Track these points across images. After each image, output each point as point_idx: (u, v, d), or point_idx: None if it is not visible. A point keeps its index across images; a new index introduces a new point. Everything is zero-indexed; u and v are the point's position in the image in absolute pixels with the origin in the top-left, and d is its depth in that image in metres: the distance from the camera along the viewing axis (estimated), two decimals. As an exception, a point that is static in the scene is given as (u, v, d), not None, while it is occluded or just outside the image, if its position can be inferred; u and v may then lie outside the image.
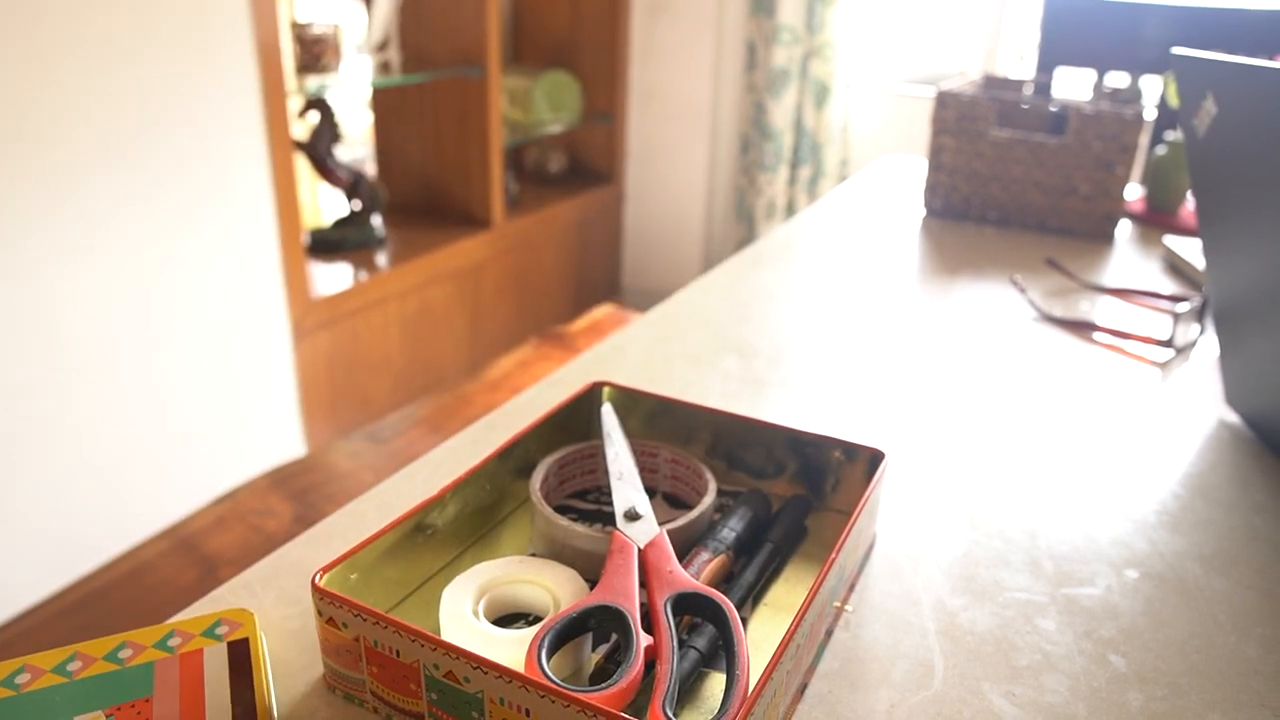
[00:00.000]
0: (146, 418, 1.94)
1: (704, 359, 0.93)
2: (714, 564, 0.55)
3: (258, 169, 2.07)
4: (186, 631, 0.50)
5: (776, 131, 3.13)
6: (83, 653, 0.48)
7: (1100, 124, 1.33)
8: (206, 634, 0.50)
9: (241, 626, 0.50)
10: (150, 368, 1.92)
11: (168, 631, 0.50)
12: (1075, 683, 0.53)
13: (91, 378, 1.81)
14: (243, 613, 0.51)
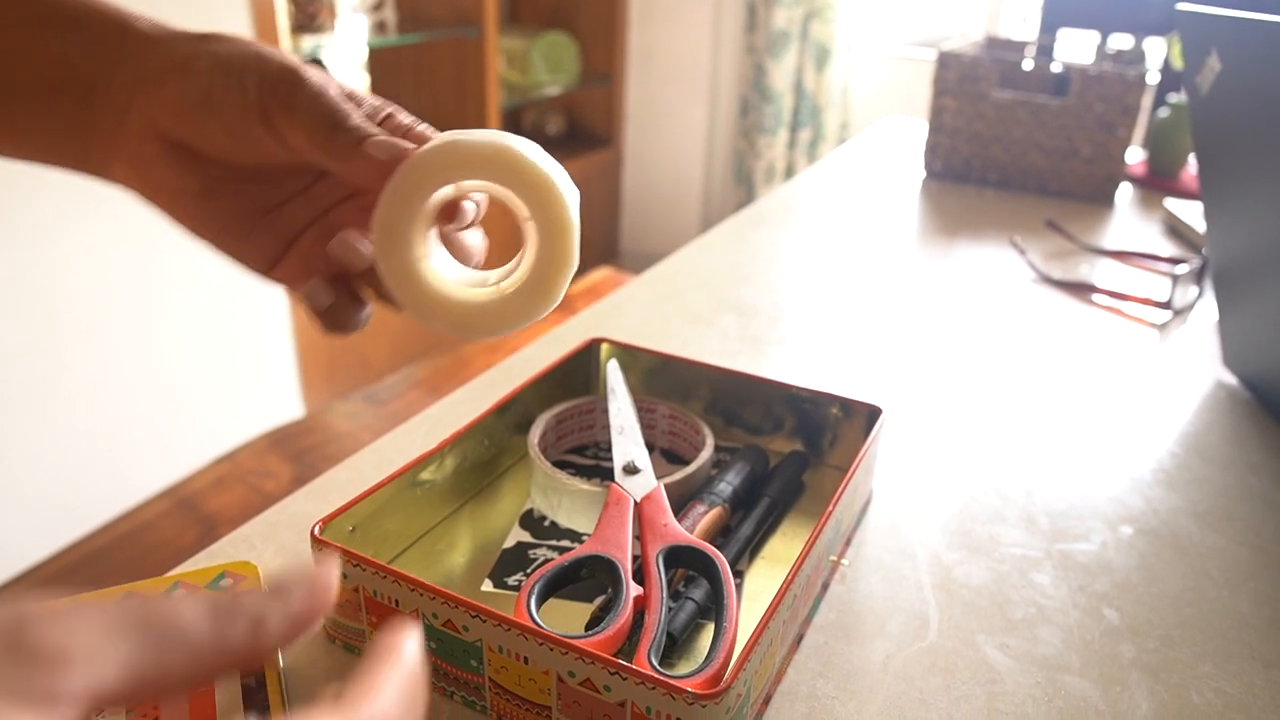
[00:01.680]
0: (145, 379, 1.94)
1: (703, 318, 0.93)
2: (710, 516, 0.55)
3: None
4: (190, 584, 0.50)
5: (776, 94, 3.10)
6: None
7: (1103, 85, 1.32)
8: (210, 586, 0.50)
9: (245, 579, 0.50)
10: (149, 329, 1.92)
11: (171, 583, 0.50)
12: (1069, 635, 0.53)
13: (91, 340, 1.81)
14: (246, 565, 0.51)
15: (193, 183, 0.39)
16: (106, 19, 0.39)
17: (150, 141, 0.38)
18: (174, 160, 0.38)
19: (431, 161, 0.39)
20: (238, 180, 0.40)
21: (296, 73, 0.37)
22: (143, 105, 0.37)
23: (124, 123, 0.38)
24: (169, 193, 0.39)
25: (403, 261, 0.40)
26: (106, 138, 0.38)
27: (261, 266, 0.42)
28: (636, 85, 3.29)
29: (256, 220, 0.41)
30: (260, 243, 0.41)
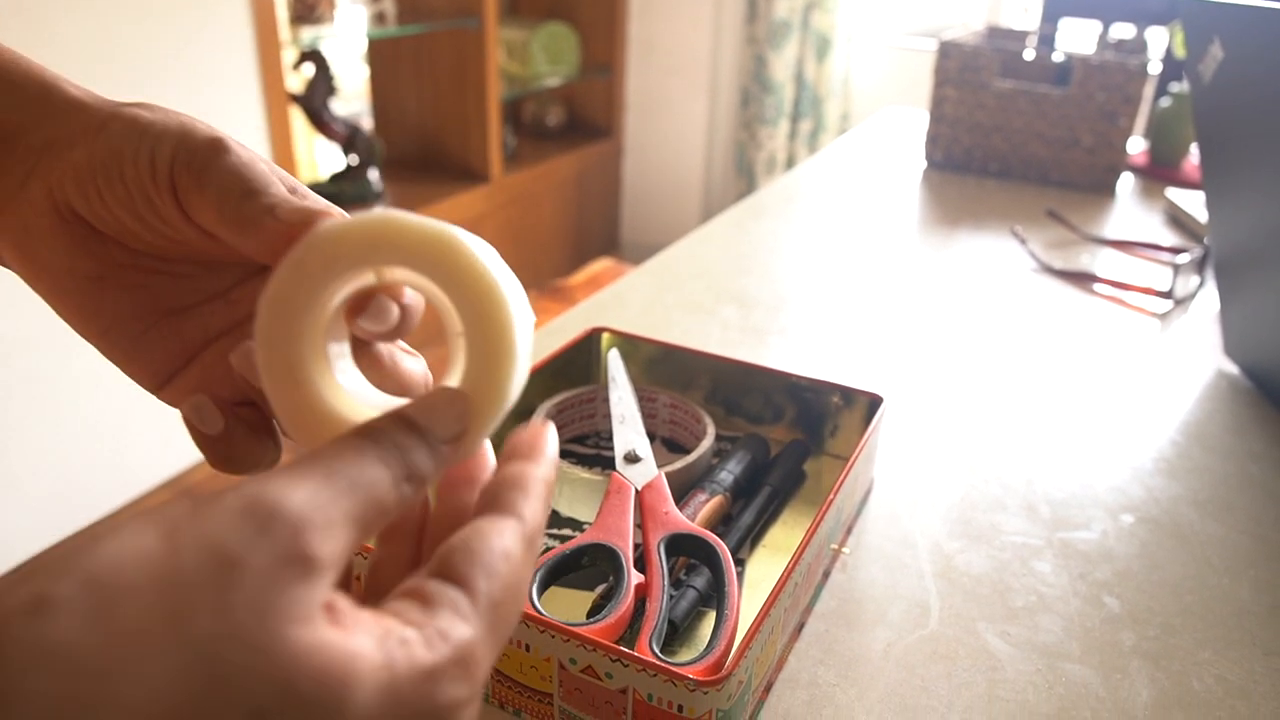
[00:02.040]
0: (145, 371, 1.93)
1: (703, 308, 0.93)
2: (711, 505, 0.55)
3: (252, 122, 2.05)
4: None
5: (777, 84, 3.09)
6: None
7: (1104, 74, 1.31)
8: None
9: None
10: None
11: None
12: (1069, 623, 0.53)
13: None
14: None
15: (85, 263, 0.33)
16: (32, 77, 0.33)
17: (45, 213, 0.32)
18: (67, 235, 0.32)
19: (349, 233, 0.28)
20: (140, 269, 0.34)
21: (221, 142, 0.31)
22: (45, 170, 0.32)
23: (23, 189, 0.32)
24: (57, 273, 0.33)
25: (291, 362, 0.28)
26: (3, 202, 0.33)
27: (150, 379, 0.35)
28: (637, 76, 3.29)
29: (155, 320, 0.34)
30: (155, 348, 0.34)
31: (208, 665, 0.18)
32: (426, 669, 0.21)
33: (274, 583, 0.19)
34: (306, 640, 0.19)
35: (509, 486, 0.26)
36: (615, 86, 3.25)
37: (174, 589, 0.18)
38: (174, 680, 0.17)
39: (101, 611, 0.17)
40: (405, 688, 0.21)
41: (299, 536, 0.20)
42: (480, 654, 0.23)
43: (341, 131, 2.55)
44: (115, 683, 0.17)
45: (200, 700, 0.18)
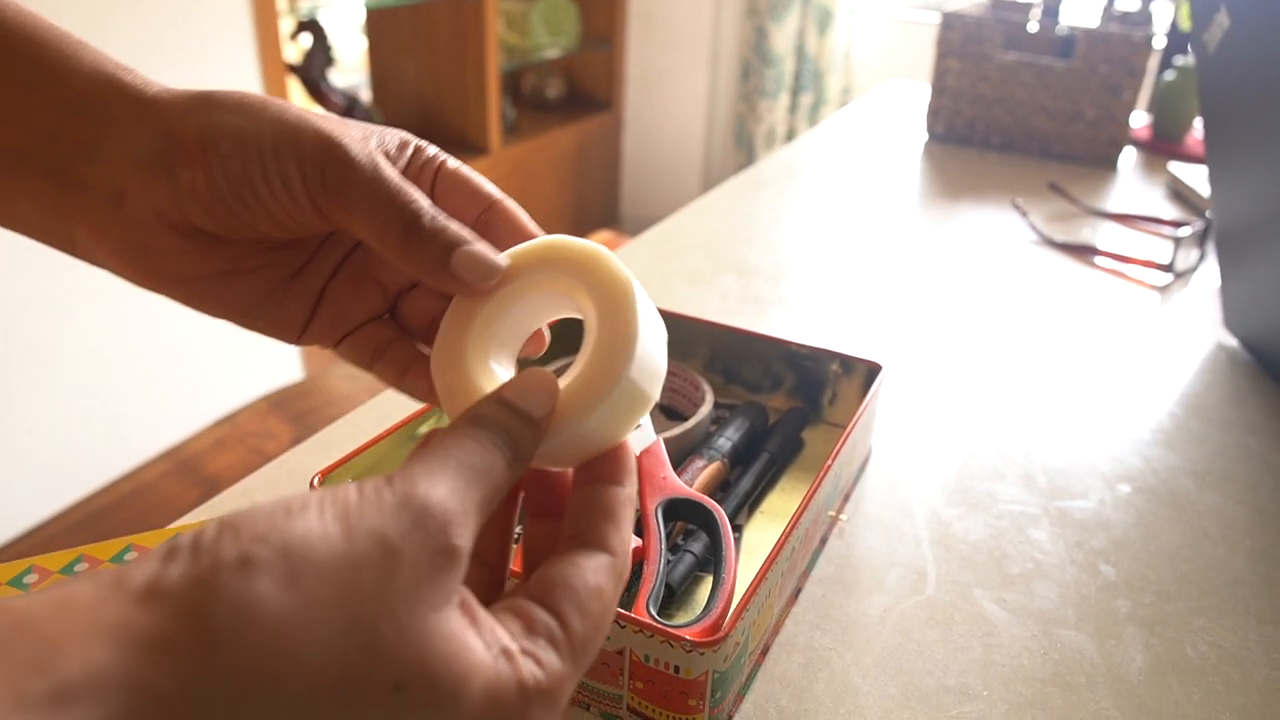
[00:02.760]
0: (146, 340, 1.93)
1: (703, 278, 0.93)
2: (709, 471, 0.55)
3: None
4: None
5: (778, 57, 3.07)
6: (89, 555, 0.48)
7: (1108, 46, 1.30)
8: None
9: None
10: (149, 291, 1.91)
11: (172, 535, 0.50)
12: (1065, 590, 0.54)
13: (92, 302, 1.81)
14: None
15: (213, 265, 0.34)
16: (83, 72, 0.32)
17: (162, 233, 0.32)
18: (191, 248, 0.33)
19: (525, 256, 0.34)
20: (264, 253, 0.35)
21: (338, 147, 0.31)
22: (146, 192, 0.32)
23: (122, 208, 0.32)
24: (185, 279, 0.34)
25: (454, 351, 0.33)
26: (96, 223, 0.32)
27: (289, 334, 0.37)
28: (637, 48, 3.26)
29: (285, 287, 0.36)
30: (290, 308, 0.36)
31: (366, 637, 0.20)
32: (523, 688, 0.23)
33: (426, 571, 0.22)
34: (445, 628, 0.22)
35: (602, 516, 0.29)
36: (615, 59, 3.22)
37: (348, 569, 0.21)
38: (339, 645, 0.20)
39: (293, 578, 0.20)
40: (504, 696, 0.23)
41: (446, 530, 0.23)
42: (565, 687, 0.25)
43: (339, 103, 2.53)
44: (295, 640, 0.20)
45: (356, 666, 0.20)
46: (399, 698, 0.21)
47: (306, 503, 0.22)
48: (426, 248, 0.32)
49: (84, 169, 0.32)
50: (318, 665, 0.20)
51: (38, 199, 0.32)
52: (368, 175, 0.32)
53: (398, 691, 0.21)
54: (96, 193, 0.32)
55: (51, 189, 0.32)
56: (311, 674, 0.20)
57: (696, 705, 0.41)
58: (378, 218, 0.32)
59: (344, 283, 0.37)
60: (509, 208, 0.36)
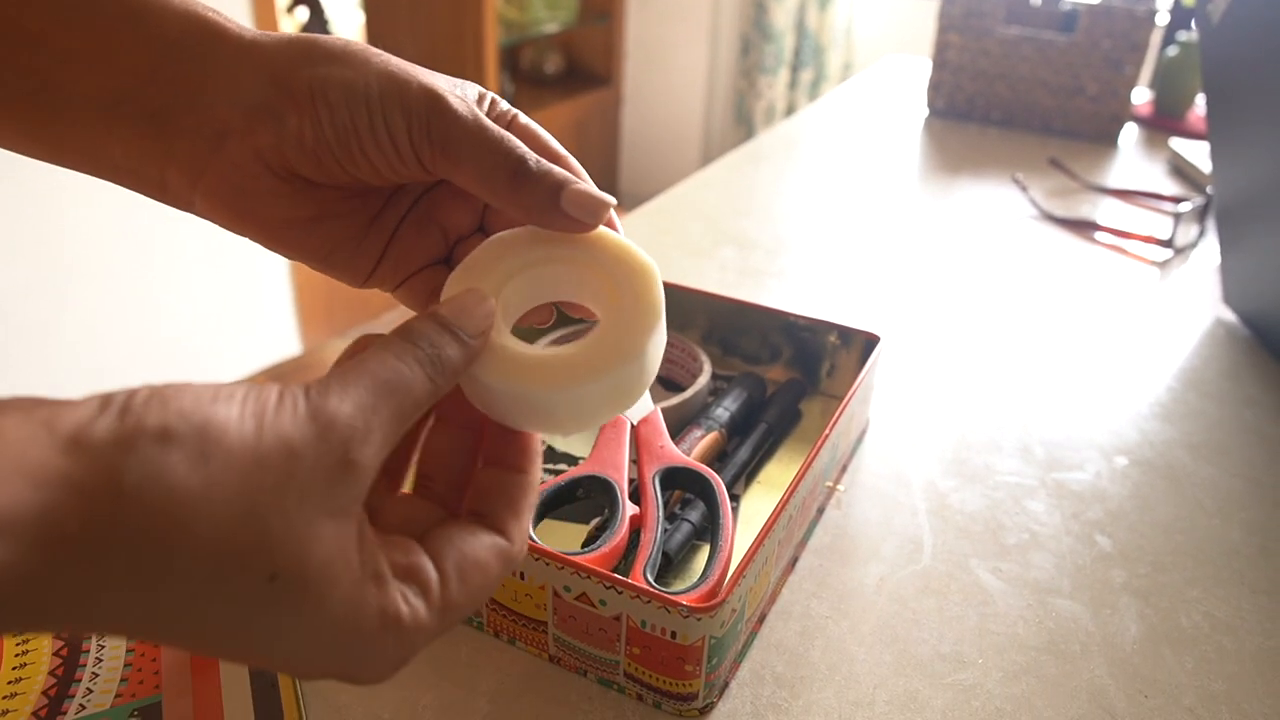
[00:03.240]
0: (144, 316, 1.93)
1: (702, 250, 0.92)
2: (706, 440, 0.55)
3: (246, 63, 2.01)
4: None
5: (778, 33, 3.05)
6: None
7: (1111, 21, 1.29)
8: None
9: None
10: (147, 267, 1.91)
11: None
12: (1061, 560, 0.54)
13: (90, 277, 1.80)
14: None
15: (304, 210, 0.35)
16: (176, 13, 0.32)
17: (259, 175, 0.33)
18: (286, 191, 0.34)
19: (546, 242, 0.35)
20: (351, 198, 0.36)
21: (442, 100, 0.33)
22: (249, 135, 0.32)
23: (221, 150, 0.33)
24: (275, 223, 0.35)
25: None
26: (193, 165, 0.33)
27: (359, 278, 0.38)
28: (636, 23, 3.24)
29: (365, 232, 0.37)
30: (365, 253, 0.37)
31: (257, 527, 0.22)
32: (383, 614, 0.25)
33: (323, 480, 0.24)
34: (330, 535, 0.24)
35: (505, 504, 0.31)
36: (614, 33, 3.20)
37: (253, 463, 0.22)
38: (231, 527, 0.22)
39: (203, 458, 0.22)
40: (363, 613, 0.24)
41: (347, 445, 0.24)
42: (421, 636, 0.26)
43: (336, 75, 2.51)
44: (192, 511, 0.21)
45: (241, 551, 0.22)
46: (271, 587, 0.23)
47: (233, 393, 0.23)
48: (536, 189, 0.33)
49: (184, 111, 0.32)
50: (208, 538, 0.21)
51: (132, 143, 0.33)
52: (471, 127, 0.33)
53: (271, 581, 0.23)
54: (196, 135, 0.32)
55: (149, 132, 0.32)
56: (200, 544, 0.21)
57: (693, 671, 0.41)
58: (485, 165, 0.33)
59: (411, 227, 0.38)
60: (574, 164, 0.36)
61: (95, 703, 0.41)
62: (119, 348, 1.90)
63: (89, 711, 0.40)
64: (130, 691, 0.41)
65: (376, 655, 0.25)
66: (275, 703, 0.41)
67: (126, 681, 0.42)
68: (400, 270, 0.38)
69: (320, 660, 0.25)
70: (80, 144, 0.33)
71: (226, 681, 0.42)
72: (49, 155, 0.34)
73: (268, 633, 0.23)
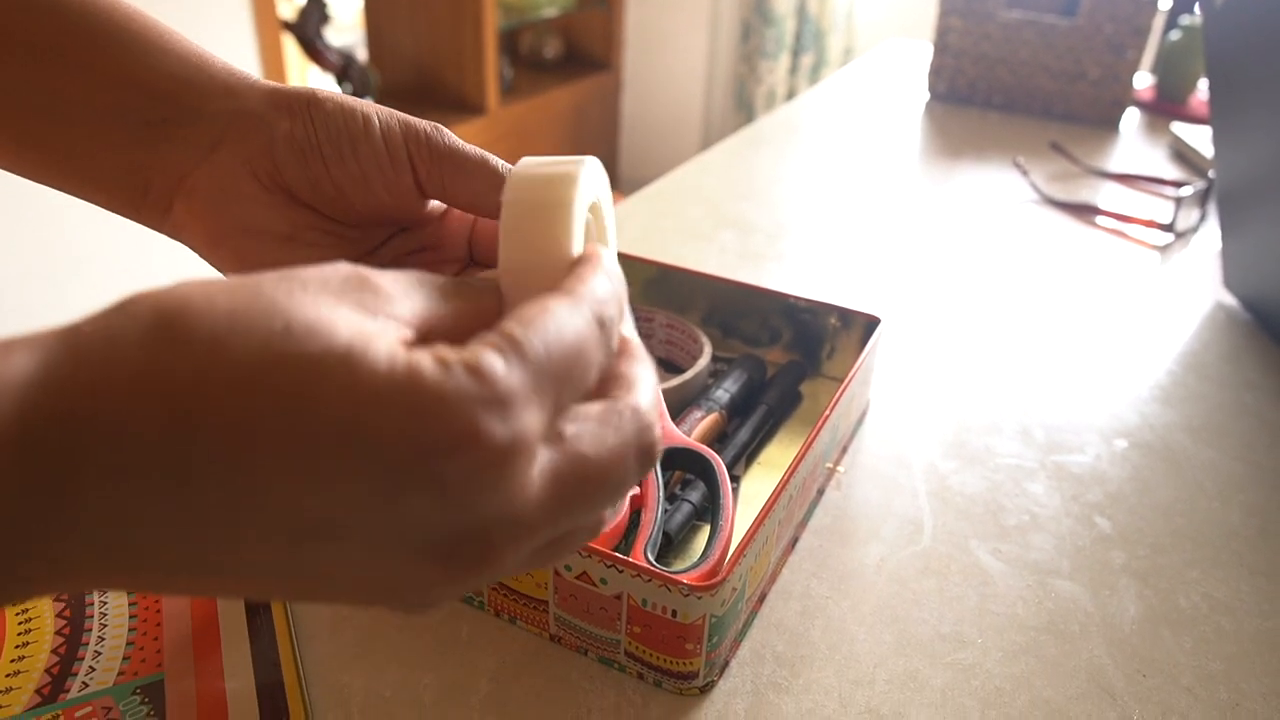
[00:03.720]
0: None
1: (702, 234, 0.92)
2: (707, 421, 0.55)
3: (244, 51, 2.01)
4: None
5: (778, 17, 3.04)
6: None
7: (1113, 5, 1.29)
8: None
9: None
10: (148, 259, 1.90)
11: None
12: (1061, 542, 0.54)
13: (89, 271, 1.80)
14: None
15: (278, 225, 0.35)
16: (186, 49, 0.35)
17: (243, 179, 0.34)
18: (265, 199, 0.34)
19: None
20: (322, 229, 0.36)
21: (445, 131, 0.35)
22: (240, 138, 0.34)
23: (212, 155, 0.34)
24: (247, 233, 0.35)
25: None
26: (178, 170, 0.34)
27: None
28: (636, 7, 3.22)
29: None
30: None
31: (266, 300, 0.21)
32: (445, 365, 0.20)
33: (335, 281, 0.22)
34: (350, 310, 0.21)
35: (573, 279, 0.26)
36: (614, 18, 3.18)
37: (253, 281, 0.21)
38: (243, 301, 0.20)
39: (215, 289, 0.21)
40: (418, 369, 0.20)
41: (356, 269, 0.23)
42: (519, 398, 0.21)
43: (335, 61, 2.50)
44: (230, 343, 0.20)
45: (250, 311, 0.20)
46: (288, 340, 0.20)
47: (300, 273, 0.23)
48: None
49: (183, 123, 0.34)
50: (216, 312, 0.20)
51: (123, 151, 0.34)
52: (469, 146, 0.35)
53: (287, 334, 0.20)
54: (189, 144, 0.34)
55: (144, 140, 0.34)
56: (214, 316, 0.20)
57: (693, 650, 0.41)
58: (487, 170, 0.34)
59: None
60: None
61: (98, 680, 0.41)
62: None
63: (92, 689, 0.41)
64: (133, 670, 0.41)
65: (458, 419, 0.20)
66: (277, 681, 0.42)
67: (129, 660, 0.42)
68: None
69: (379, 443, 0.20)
70: (70, 151, 0.35)
71: (229, 660, 0.42)
72: (32, 167, 0.35)
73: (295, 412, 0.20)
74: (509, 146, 2.84)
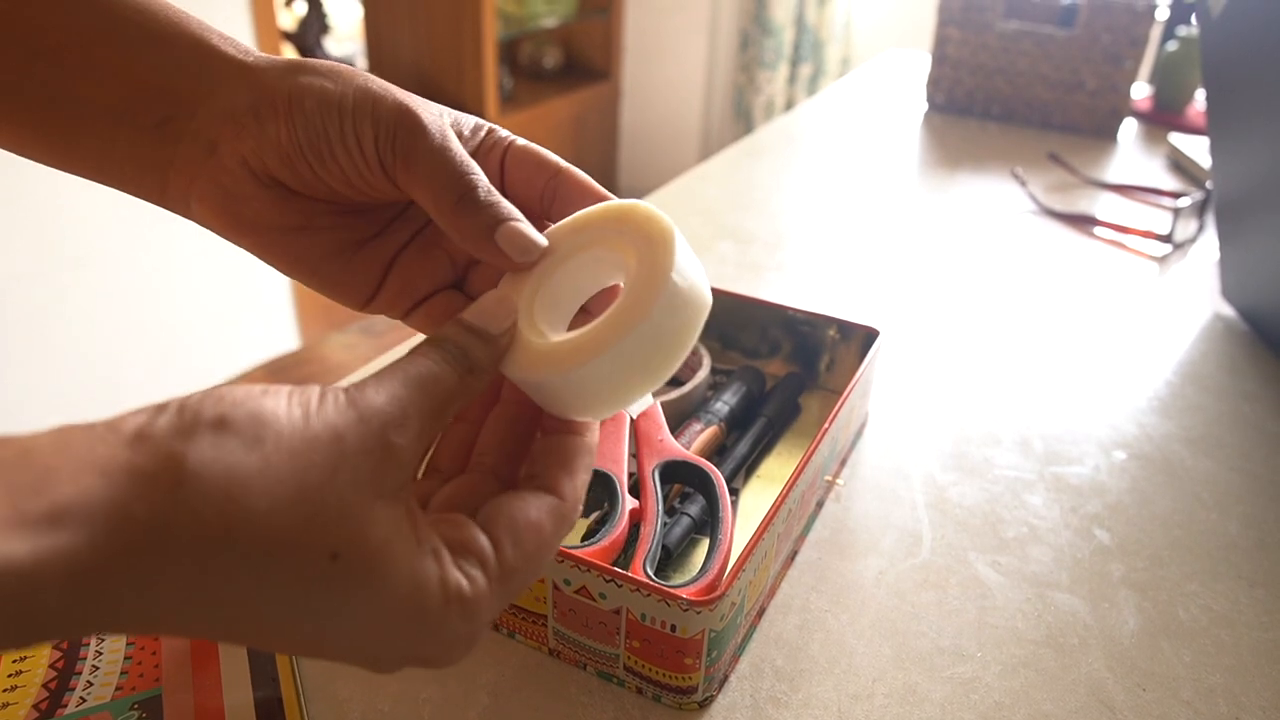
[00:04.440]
0: (141, 308, 1.93)
1: (700, 244, 0.92)
2: (706, 434, 0.55)
3: (245, 57, 2.01)
4: None
5: (777, 27, 3.05)
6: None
7: (1111, 15, 1.29)
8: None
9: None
10: (146, 258, 1.90)
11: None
12: (1060, 554, 0.54)
13: (89, 269, 1.80)
14: None
15: (289, 219, 0.36)
16: (187, 38, 0.35)
17: (244, 180, 0.35)
18: (269, 197, 0.35)
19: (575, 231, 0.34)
20: (334, 214, 0.37)
21: (413, 116, 0.34)
22: (235, 140, 0.34)
23: (213, 156, 0.35)
24: (261, 229, 0.36)
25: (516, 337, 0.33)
26: (189, 171, 0.35)
27: (356, 301, 0.38)
28: (635, 17, 3.23)
29: (354, 252, 0.38)
30: (357, 274, 0.38)
31: (312, 505, 0.23)
32: (445, 587, 0.26)
33: (370, 461, 0.25)
34: (385, 514, 0.25)
35: (557, 461, 0.31)
36: (613, 28, 3.19)
37: (303, 444, 0.24)
38: (288, 506, 0.23)
39: (258, 441, 0.23)
40: (426, 589, 0.25)
41: (385, 427, 0.26)
42: (486, 607, 0.27)
43: (335, 70, 2.50)
44: (251, 491, 0.22)
45: (300, 528, 0.23)
46: (334, 566, 0.23)
47: (279, 390, 0.25)
48: (476, 219, 0.34)
49: (183, 121, 0.34)
50: (267, 513, 0.22)
51: (137, 150, 0.35)
52: (436, 144, 0.34)
53: (334, 560, 0.23)
54: (193, 143, 0.35)
55: (153, 140, 0.35)
56: (260, 520, 0.22)
57: (692, 664, 0.41)
58: (436, 185, 0.34)
59: (414, 254, 0.39)
60: (574, 173, 0.37)
61: (95, 695, 0.41)
62: (118, 340, 1.90)
63: (89, 704, 0.40)
64: (130, 684, 0.41)
65: (445, 632, 0.26)
66: (276, 696, 0.42)
67: (126, 675, 0.42)
68: (406, 296, 0.38)
69: (390, 643, 0.25)
70: (90, 150, 0.35)
71: (227, 674, 0.42)
72: (60, 161, 0.36)
73: (334, 616, 0.24)
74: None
